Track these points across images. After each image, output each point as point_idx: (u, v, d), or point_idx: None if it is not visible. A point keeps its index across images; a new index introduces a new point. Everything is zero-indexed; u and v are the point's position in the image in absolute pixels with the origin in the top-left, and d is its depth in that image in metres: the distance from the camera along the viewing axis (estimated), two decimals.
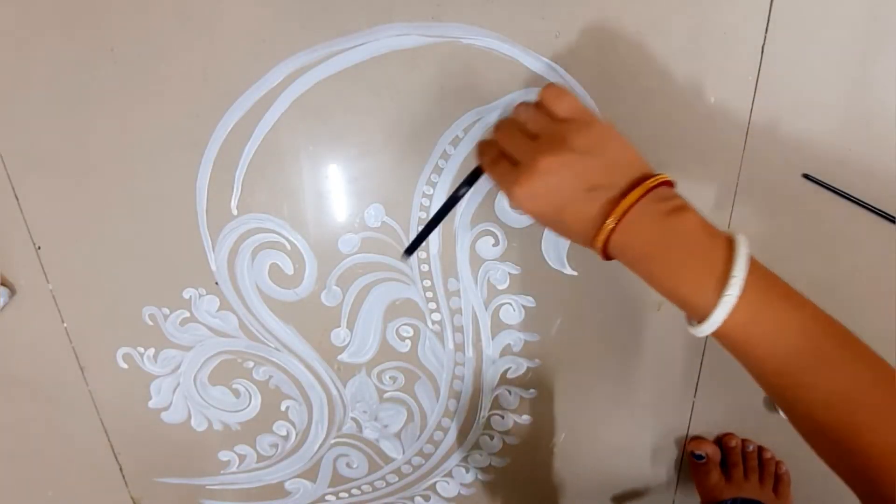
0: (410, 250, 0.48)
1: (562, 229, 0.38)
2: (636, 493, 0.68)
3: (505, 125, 0.40)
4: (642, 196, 0.35)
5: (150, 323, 0.55)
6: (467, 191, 0.43)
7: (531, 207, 0.37)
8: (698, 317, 0.34)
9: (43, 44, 0.45)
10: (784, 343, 0.33)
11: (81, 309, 0.55)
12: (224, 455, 0.63)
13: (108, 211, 0.51)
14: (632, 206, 0.35)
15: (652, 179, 0.35)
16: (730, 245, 0.34)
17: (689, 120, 0.48)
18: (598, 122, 0.37)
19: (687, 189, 0.50)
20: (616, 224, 0.35)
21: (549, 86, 0.38)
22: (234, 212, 0.50)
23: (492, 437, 0.62)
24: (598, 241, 0.36)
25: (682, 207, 0.35)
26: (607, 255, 0.37)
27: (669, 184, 0.36)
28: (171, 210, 0.50)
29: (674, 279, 0.35)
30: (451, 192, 0.44)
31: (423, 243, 0.52)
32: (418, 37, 0.45)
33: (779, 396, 0.36)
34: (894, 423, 0.32)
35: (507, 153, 0.39)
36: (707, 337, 0.58)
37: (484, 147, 0.41)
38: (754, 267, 0.33)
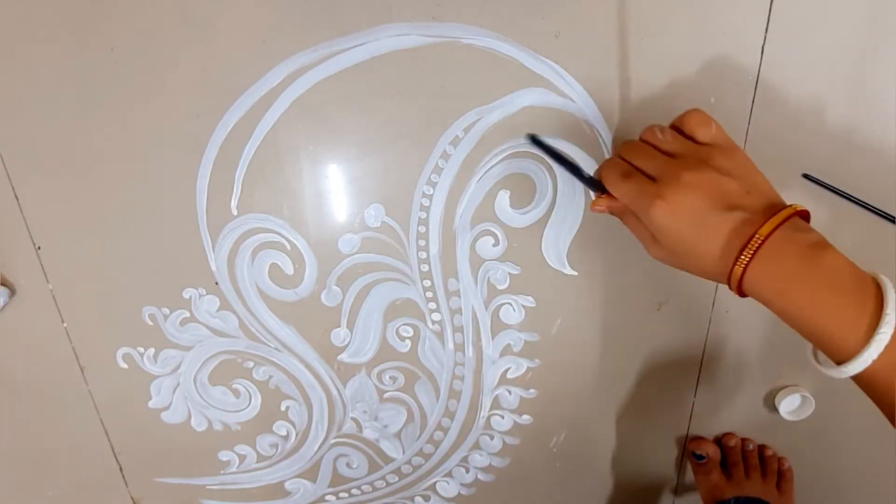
0: (540, 142, 0.44)
1: (693, 252, 0.37)
2: (636, 493, 0.68)
3: (636, 145, 0.40)
4: (782, 223, 0.34)
5: (150, 323, 0.55)
6: (582, 181, 0.43)
7: (669, 222, 0.36)
8: (842, 357, 0.34)
9: (43, 44, 0.45)
10: None
11: (81, 309, 0.55)
12: (224, 455, 0.63)
13: (108, 211, 0.51)
14: (772, 232, 0.34)
15: (790, 207, 0.35)
16: (876, 285, 0.34)
17: None
18: (740, 150, 0.38)
19: None
20: (754, 253, 0.34)
21: (695, 111, 0.39)
22: (234, 212, 0.50)
23: (492, 437, 0.62)
24: (737, 269, 0.35)
25: (824, 243, 0.35)
26: (741, 289, 0.36)
27: (805, 214, 0.36)
28: (171, 210, 0.50)
29: (819, 316, 0.34)
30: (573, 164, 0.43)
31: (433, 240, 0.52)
32: (418, 37, 0.45)
33: None
34: None
35: (640, 170, 0.39)
36: (707, 337, 0.58)
37: (612, 163, 0.41)
38: None
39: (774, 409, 0.60)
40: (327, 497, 0.66)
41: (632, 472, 0.66)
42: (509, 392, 0.59)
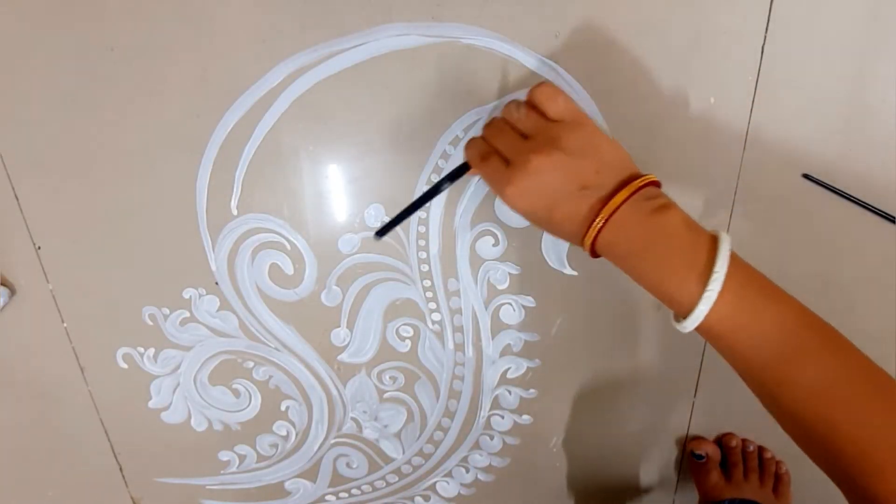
0: (382, 232, 0.48)
1: (552, 227, 0.39)
2: (636, 493, 0.68)
3: (495, 123, 0.41)
4: (630, 196, 0.36)
5: (150, 323, 0.55)
6: (449, 185, 0.43)
7: (522, 205, 0.38)
8: (682, 312, 0.35)
9: (43, 44, 0.45)
10: (765, 337, 0.34)
11: (81, 309, 0.55)
12: (224, 455, 0.63)
13: (108, 211, 0.51)
14: (620, 205, 0.35)
15: (639, 180, 0.36)
16: (713, 242, 0.35)
17: (689, 120, 0.48)
18: (589, 122, 0.38)
19: (687, 189, 0.50)
20: (604, 223, 0.36)
21: (542, 85, 0.39)
22: (234, 212, 0.50)
23: (492, 437, 0.62)
24: (588, 240, 0.37)
25: (667, 206, 0.36)
26: (595, 253, 0.38)
27: (656, 184, 0.37)
28: (171, 210, 0.50)
29: (658, 275, 0.36)
30: (432, 185, 0.45)
31: (427, 241, 0.52)
32: (418, 37, 0.45)
33: (762, 392, 0.37)
34: (871, 415, 0.33)
35: (498, 151, 0.39)
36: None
37: (473, 143, 0.42)
38: (736, 262, 0.34)
39: None
40: (327, 497, 0.66)
41: (632, 472, 0.66)
42: (509, 392, 0.59)
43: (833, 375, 0.34)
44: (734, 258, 0.34)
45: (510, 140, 0.39)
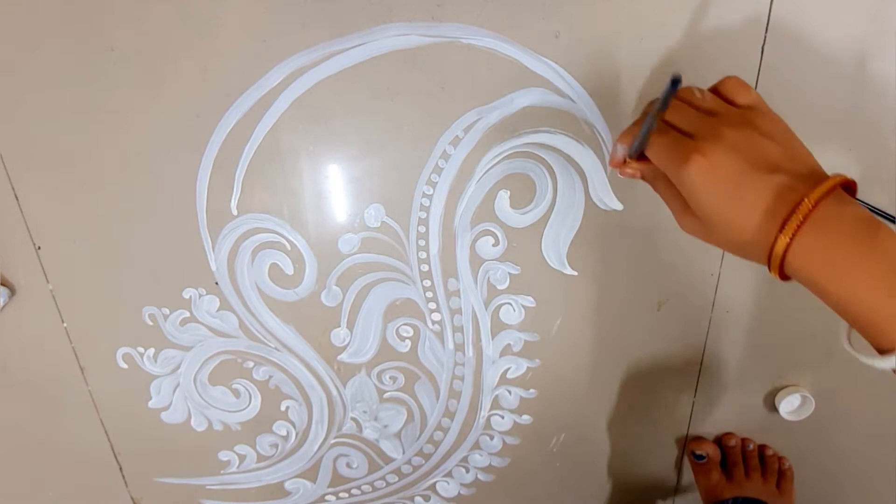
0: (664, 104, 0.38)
1: (727, 219, 0.33)
2: (636, 493, 0.68)
3: (672, 103, 0.37)
4: (830, 191, 0.31)
5: (150, 323, 0.55)
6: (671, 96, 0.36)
7: (708, 181, 0.33)
8: (890, 345, 0.30)
9: (43, 44, 0.45)
10: None
11: (81, 309, 0.55)
12: (224, 455, 0.63)
13: (107, 211, 0.51)
14: (820, 199, 0.30)
15: (837, 177, 0.32)
16: None
17: None
18: (778, 116, 0.35)
19: None
20: (803, 221, 0.31)
21: (734, 77, 0.36)
22: (234, 212, 0.50)
23: (492, 437, 0.62)
24: (780, 243, 0.31)
25: (876, 220, 0.31)
26: (783, 266, 0.32)
27: (853, 186, 0.33)
28: (171, 210, 0.50)
29: (872, 301, 0.30)
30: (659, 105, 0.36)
31: (431, 240, 0.52)
32: (418, 37, 0.45)
33: None
34: None
35: (675, 127, 0.35)
36: (707, 337, 0.58)
37: (635, 123, 0.38)
38: None
39: (774, 409, 0.60)
40: (327, 497, 0.66)
41: (632, 472, 0.66)
42: (509, 392, 0.59)
43: None
44: None
45: (694, 116, 0.35)
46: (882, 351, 0.31)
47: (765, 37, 0.45)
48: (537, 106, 0.47)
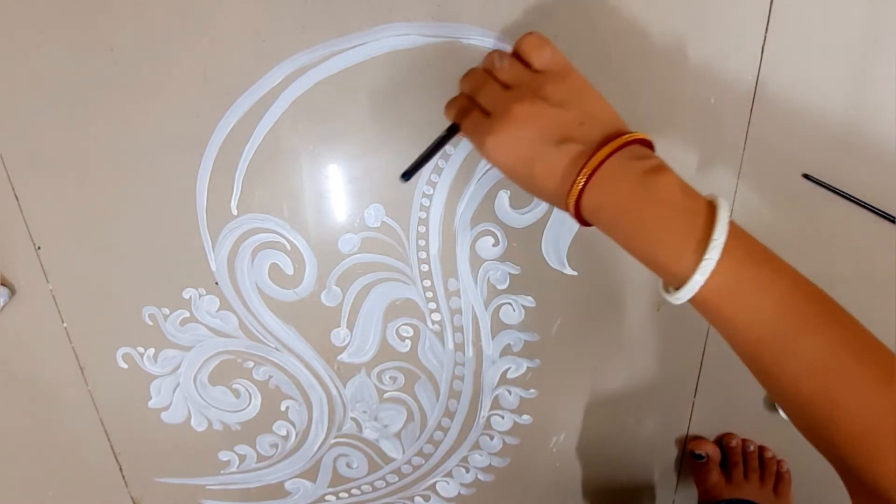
0: (407, 175, 0.42)
1: (534, 185, 0.36)
2: (636, 493, 0.68)
3: (475, 74, 0.39)
4: (615, 151, 0.33)
5: (150, 323, 0.55)
6: (440, 149, 0.40)
7: (502, 158, 0.36)
8: (676, 282, 0.33)
9: (43, 44, 0.45)
10: (764, 309, 0.32)
11: (81, 309, 0.55)
12: (224, 455, 0.63)
13: (107, 211, 0.51)
14: (603, 161, 0.33)
15: (627, 136, 0.34)
16: (711, 208, 0.33)
17: (689, 120, 0.48)
18: (575, 74, 0.36)
19: None
20: (586, 181, 0.33)
21: (529, 34, 0.37)
22: (234, 212, 0.50)
23: (492, 437, 0.62)
24: (571, 199, 0.34)
25: (660, 167, 0.34)
26: (581, 218, 0.36)
27: (647, 143, 0.35)
28: (171, 210, 0.50)
29: (651, 242, 0.33)
30: (429, 149, 0.40)
31: (433, 240, 0.52)
32: (418, 37, 0.45)
33: (759, 367, 0.34)
34: (872, 393, 0.31)
35: (477, 104, 0.38)
36: (707, 337, 0.58)
37: (453, 102, 0.40)
38: (735, 231, 0.32)
39: (774, 409, 0.60)
40: (327, 497, 0.66)
41: (632, 472, 0.66)
42: (509, 392, 0.59)
43: (833, 349, 0.32)
44: (732, 226, 0.32)
45: (491, 91, 0.37)
46: (674, 288, 0.33)
47: (765, 37, 0.45)
48: None
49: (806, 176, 0.49)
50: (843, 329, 0.32)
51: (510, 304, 0.55)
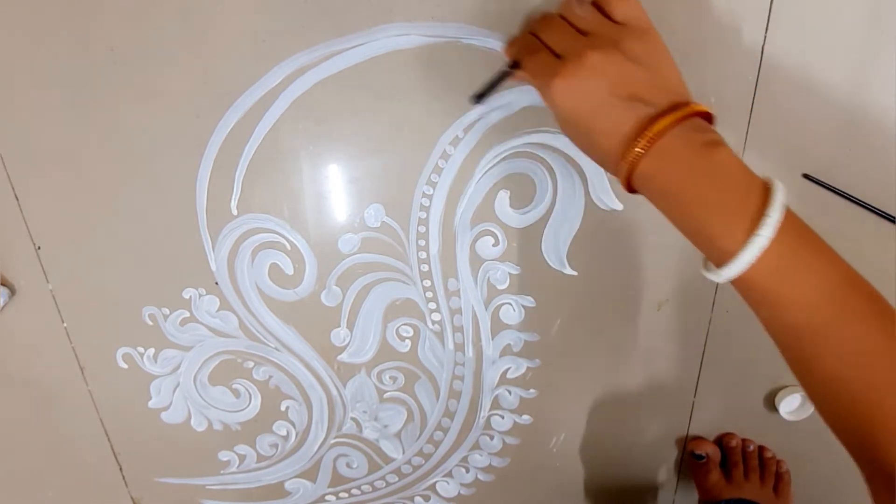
0: (480, 97, 0.42)
1: (587, 140, 0.35)
2: (636, 493, 0.68)
3: (549, 19, 0.37)
4: (680, 120, 0.33)
5: (150, 323, 0.55)
6: (507, 76, 0.39)
7: (566, 104, 0.34)
8: (722, 258, 0.32)
9: (43, 44, 0.45)
10: (811, 292, 0.32)
11: (81, 309, 0.55)
12: (224, 455, 0.63)
13: (108, 211, 0.51)
14: (667, 128, 0.32)
15: (692, 106, 0.33)
16: (766, 189, 0.32)
17: None
18: (654, 33, 0.35)
19: None
20: (647, 149, 0.33)
21: None
22: (234, 212, 0.50)
23: (492, 437, 0.62)
24: (624, 164, 0.33)
25: (720, 142, 0.33)
26: (630, 184, 0.34)
27: (709, 116, 0.34)
28: (171, 210, 0.50)
29: (703, 215, 0.32)
30: (493, 80, 0.39)
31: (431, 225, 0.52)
32: (418, 37, 0.45)
33: (796, 353, 0.34)
34: None
35: (548, 46, 0.36)
36: (707, 337, 0.58)
37: (517, 39, 0.39)
38: (789, 214, 0.32)
39: (774, 409, 0.60)
40: (327, 497, 0.66)
41: (632, 472, 0.66)
42: (509, 392, 0.59)
43: (878, 339, 0.31)
44: (788, 210, 0.31)
45: (565, 35, 0.35)
46: (718, 266, 0.33)
47: (765, 37, 0.45)
48: (537, 106, 0.47)
49: (806, 176, 0.49)
50: (888, 320, 0.32)
51: (510, 304, 0.55)
